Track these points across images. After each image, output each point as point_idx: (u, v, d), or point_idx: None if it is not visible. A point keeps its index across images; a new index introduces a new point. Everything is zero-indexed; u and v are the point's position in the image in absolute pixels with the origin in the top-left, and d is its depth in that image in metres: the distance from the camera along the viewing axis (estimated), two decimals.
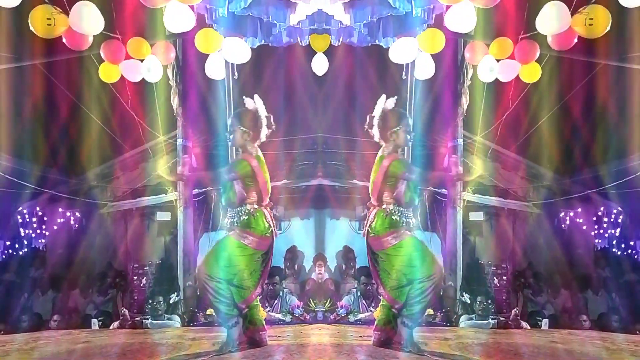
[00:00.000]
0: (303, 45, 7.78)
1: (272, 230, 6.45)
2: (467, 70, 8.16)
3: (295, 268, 9.95)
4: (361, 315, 9.20)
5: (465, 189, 9.17)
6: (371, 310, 9.09)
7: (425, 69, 7.82)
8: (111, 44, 7.28)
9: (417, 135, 7.60)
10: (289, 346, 6.52)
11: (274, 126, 6.51)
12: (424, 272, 6.24)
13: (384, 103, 6.36)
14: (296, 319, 9.06)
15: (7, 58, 7.60)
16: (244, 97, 6.59)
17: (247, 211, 6.35)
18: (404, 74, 8.02)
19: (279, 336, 7.27)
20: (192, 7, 6.86)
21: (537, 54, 7.45)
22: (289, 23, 7.32)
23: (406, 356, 5.98)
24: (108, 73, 7.59)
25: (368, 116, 6.47)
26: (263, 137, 6.45)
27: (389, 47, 7.76)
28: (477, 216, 9.86)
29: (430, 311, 8.49)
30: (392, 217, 6.34)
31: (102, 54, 7.34)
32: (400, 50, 7.55)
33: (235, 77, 8.06)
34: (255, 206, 6.36)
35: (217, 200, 8.75)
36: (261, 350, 6.21)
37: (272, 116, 6.49)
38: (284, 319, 9.13)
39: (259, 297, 6.50)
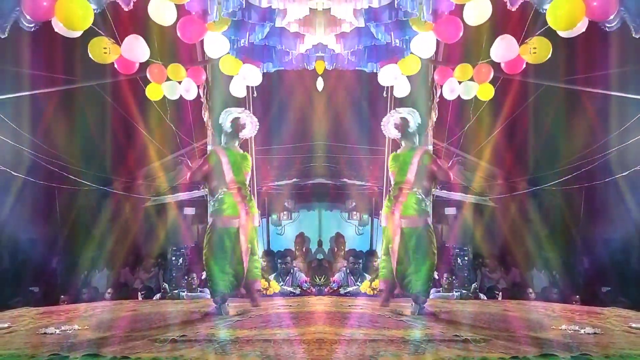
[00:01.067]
0: (310, 69, 7.82)
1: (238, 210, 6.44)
2: (436, 90, 8.20)
3: (304, 250, 10.07)
4: (350, 289, 9.35)
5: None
6: (357, 285, 9.32)
7: (402, 89, 7.92)
8: (155, 68, 7.45)
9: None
10: (297, 313, 6.62)
11: (244, 128, 6.74)
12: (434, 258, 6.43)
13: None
14: (304, 291, 9.24)
15: (69, 80, 7.84)
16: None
17: (219, 198, 6.46)
18: (384, 93, 8.10)
19: (290, 305, 7.38)
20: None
21: (491, 75, 7.55)
22: (299, 51, 7.39)
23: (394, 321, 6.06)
24: (153, 92, 7.77)
25: (400, 118, 6.72)
26: (240, 135, 6.73)
27: (372, 71, 7.85)
28: (450, 211, 10.04)
29: None
30: (424, 203, 6.43)
31: (148, 76, 7.50)
32: (386, 74, 7.70)
33: (255, 95, 8.15)
34: (224, 189, 6.46)
35: None
36: (275, 315, 6.34)
37: (240, 118, 6.75)
38: (295, 291, 9.31)
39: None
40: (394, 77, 7.70)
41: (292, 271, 9.75)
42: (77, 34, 6.16)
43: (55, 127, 8.45)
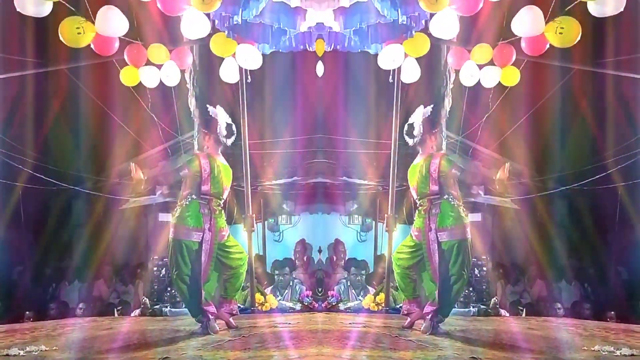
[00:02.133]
0: (311, 50, 7.40)
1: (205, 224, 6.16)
2: (450, 75, 7.79)
3: (305, 259, 9.78)
4: (350, 304, 9.10)
5: None
6: (359, 299, 9.06)
7: (411, 73, 7.44)
8: (134, 48, 7.02)
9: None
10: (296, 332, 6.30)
11: (234, 134, 6.38)
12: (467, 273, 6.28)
13: (423, 112, 6.28)
14: (305, 307, 8.89)
15: (34, 64, 7.54)
16: (207, 105, 6.51)
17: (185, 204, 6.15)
18: (390, 77, 7.65)
19: (289, 323, 7.10)
20: (207, 15, 6.56)
21: (514, 57, 7.12)
22: (299, 30, 6.97)
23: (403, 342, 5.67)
24: (129, 77, 7.32)
25: (406, 124, 6.41)
26: (227, 142, 6.35)
27: (377, 54, 7.37)
28: (475, 217, 9.72)
29: None
30: (460, 209, 6.16)
31: (125, 58, 7.07)
32: (388, 56, 7.21)
33: (249, 80, 7.74)
34: (194, 196, 6.11)
35: (232, 196, 8.54)
36: (272, 334, 6.11)
37: (233, 125, 6.40)
38: (294, 307, 8.97)
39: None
40: (397, 59, 7.27)
41: (291, 283, 9.53)
42: (45, 12, 5.91)
43: (19, 118, 8.23)
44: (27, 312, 8.73)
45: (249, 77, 7.72)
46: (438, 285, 6.13)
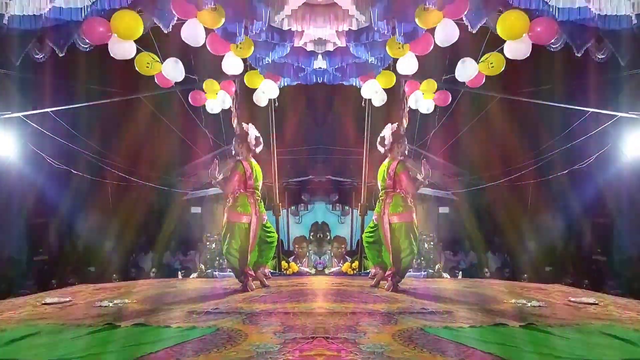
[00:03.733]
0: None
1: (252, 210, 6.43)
2: (407, 101, 8.01)
3: (318, 237, 10.07)
4: (333, 269, 9.33)
5: None
6: (340, 266, 9.32)
7: (379, 100, 7.82)
8: (196, 94, 7.59)
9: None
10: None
11: (262, 144, 6.71)
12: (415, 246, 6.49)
13: (391, 127, 6.60)
14: (318, 272, 9.20)
15: (120, 93, 7.84)
16: (242, 123, 6.82)
17: (236, 197, 6.45)
18: (363, 102, 8.01)
19: (306, 283, 7.40)
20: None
21: (449, 101, 7.62)
22: (314, 67, 7.24)
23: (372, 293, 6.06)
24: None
25: (379, 137, 6.68)
26: (257, 150, 6.68)
27: (352, 85, 7.77)
28: (444, 210, 10.18)
29: None
30: (408, 200, 6.44)
31: (189, 100, 7.61)
32: (368, 88, 7.63)
33: (277, 105, 8.06)
34: (242, 190, 6.45)
35: (265, 191, 8.60)
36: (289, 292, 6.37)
37: (260, 137, 6.68)
38: (310, 271, 9.26)
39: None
40: (374, 91, 7.62)
41: (308, 254, 9.81)
42: (129, 54, 6.09)
43: (110, 134, 8.68)
44: (114, 275, 9.24)
45: (276, 102, 7.99)
46: (391, 255, 6.41)
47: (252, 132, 6.68)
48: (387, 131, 6.68)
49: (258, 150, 6.76)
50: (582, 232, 9.60)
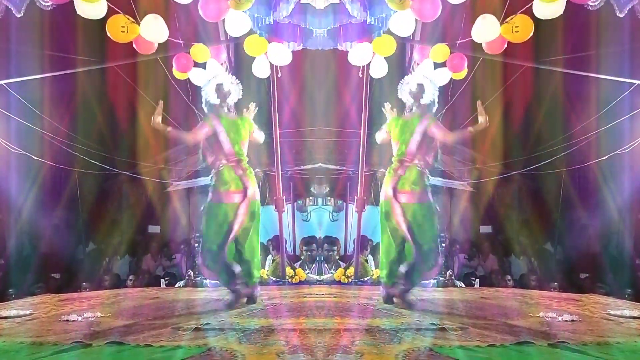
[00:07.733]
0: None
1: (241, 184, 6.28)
2: (414, 71, 7.98)
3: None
4: (324, 277, 9.33)
5: None
6: (331, 273, 9.36)
7: (379, 69, 7.77)
8: (182, 57, 7.48)
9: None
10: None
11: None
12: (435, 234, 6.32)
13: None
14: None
15: (90, 62, 7.74)
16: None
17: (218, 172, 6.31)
18: (360, 73, 8.00)
19: (316, 294, 7.51)
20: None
21: (465, 66, 7.59)
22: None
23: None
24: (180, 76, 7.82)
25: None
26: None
27: (346, 51, 7.70)
28: None
29: None
30: (425, 177, 6.29)
31: (174, 66, 7.52)
32: (357, 54, 7.52)
33: (279, 75, 7.98)
34: (224, 162, 6.30)
35: (265, 180, 8.72)
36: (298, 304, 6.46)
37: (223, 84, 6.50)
38: (321, 279, 9.29)
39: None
40: (365, 57, 7.53)
41: (317, 259, 9.65)
42: (97, 14, 6.08)
43: (75, 111, 8.55)
44: (84, 283, 9.07)
45: (279, 72, 7.90)
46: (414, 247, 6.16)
47: (226, 77, 6.60)
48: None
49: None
50: (624, 231, 9.23)
